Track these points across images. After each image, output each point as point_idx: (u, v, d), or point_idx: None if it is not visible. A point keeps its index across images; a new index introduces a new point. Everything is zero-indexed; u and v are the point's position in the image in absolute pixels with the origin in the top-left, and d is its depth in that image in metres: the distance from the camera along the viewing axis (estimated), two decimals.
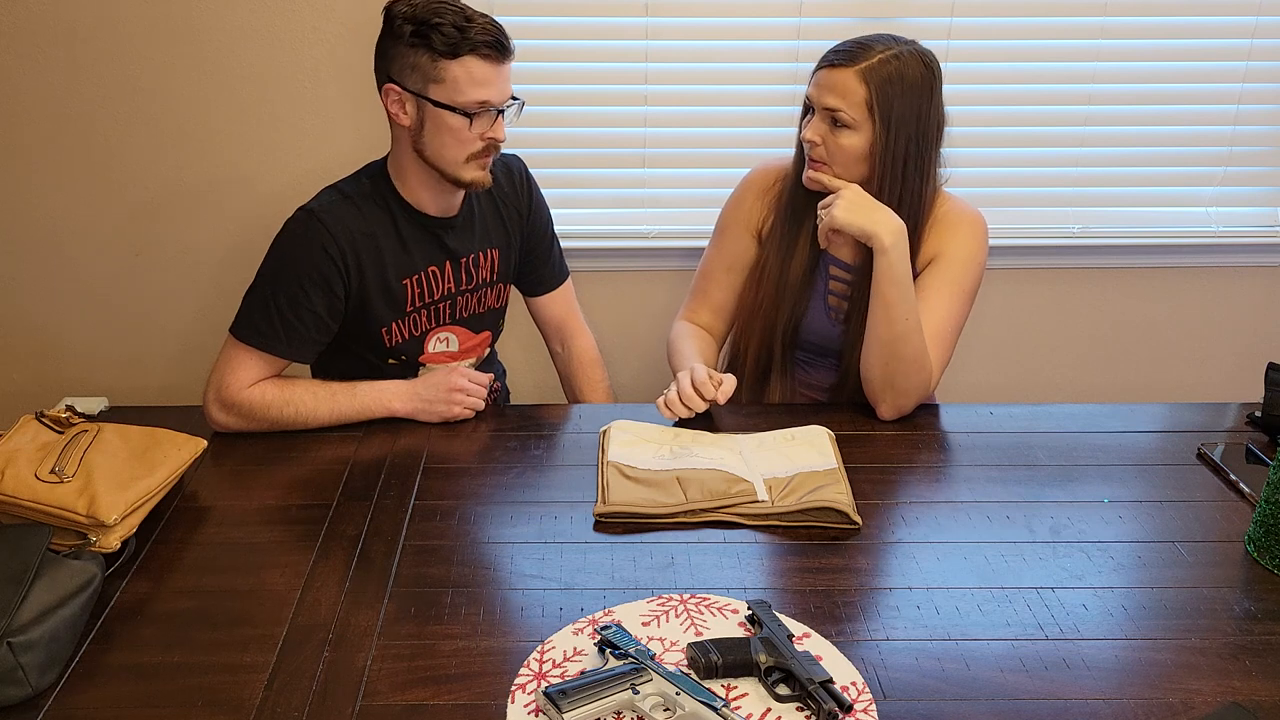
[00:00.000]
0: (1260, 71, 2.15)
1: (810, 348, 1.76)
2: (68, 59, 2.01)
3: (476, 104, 1.51)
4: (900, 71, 1.54)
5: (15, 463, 1.28)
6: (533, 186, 1.80)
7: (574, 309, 1.92)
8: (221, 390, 1.57)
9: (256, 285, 1.60)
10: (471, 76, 1.49)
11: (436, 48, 1.47)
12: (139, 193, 2.13)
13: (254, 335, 1.58)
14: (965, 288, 1.65)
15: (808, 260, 1.70)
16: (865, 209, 1.55)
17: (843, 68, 1.55)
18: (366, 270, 1.60)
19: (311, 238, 1.56)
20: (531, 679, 1.08)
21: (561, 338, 1.91)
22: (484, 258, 1.71)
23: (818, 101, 1.58)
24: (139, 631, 1.16)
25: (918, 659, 1.13)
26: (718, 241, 1.80)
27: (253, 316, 1.58)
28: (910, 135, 1.57)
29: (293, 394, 1.58)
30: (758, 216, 1.76)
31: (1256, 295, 2.34)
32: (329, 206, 1.58)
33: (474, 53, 1.48)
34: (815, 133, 1.59)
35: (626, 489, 1.39)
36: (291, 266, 1.57)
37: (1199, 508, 1.40)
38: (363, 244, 1.59)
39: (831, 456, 1.48)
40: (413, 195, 1.62)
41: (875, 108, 1.54)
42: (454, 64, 1.48)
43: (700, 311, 1.83)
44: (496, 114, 1.54)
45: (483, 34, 1.48)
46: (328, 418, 1.58)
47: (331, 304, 1.59)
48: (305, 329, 1.59)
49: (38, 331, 2.25)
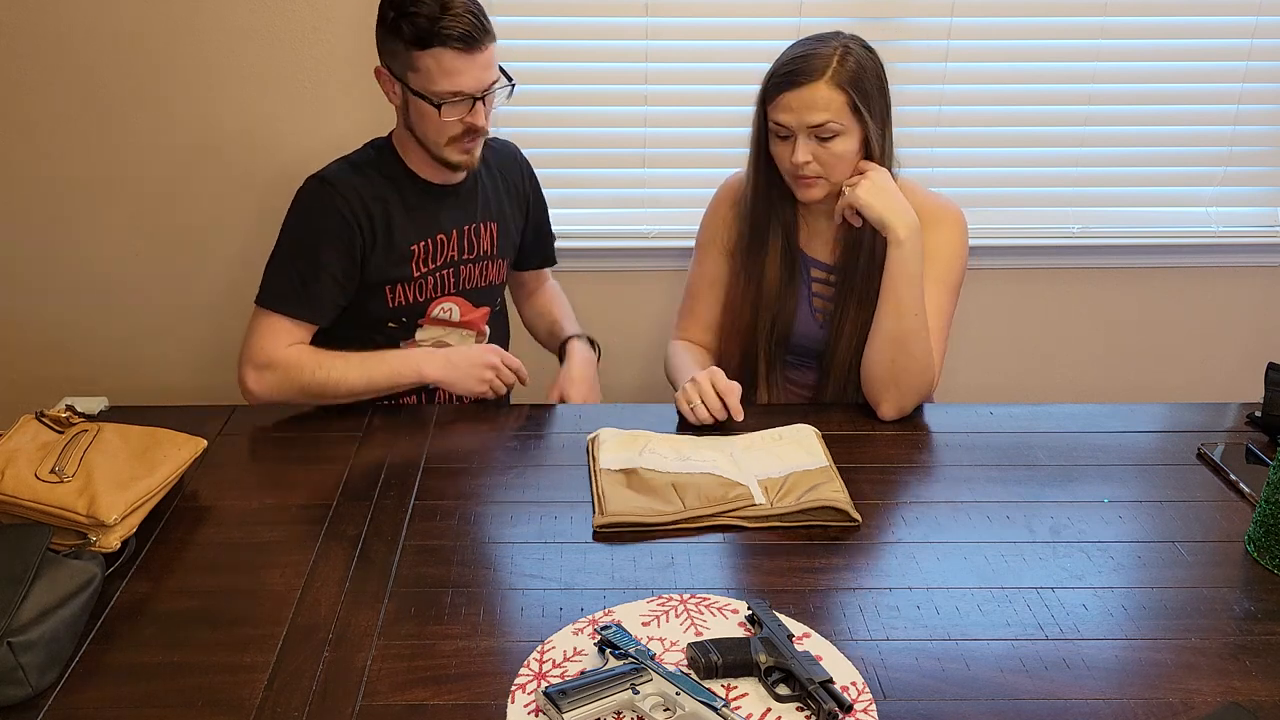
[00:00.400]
0: (1260, 71, 2.15)
1: (797, 349, 1.76)
2: (69, 59, 2.01)
3: (447, 94, 1.52)
4: (859, 64, 1.56)
5: (15, 463, 1.28)
6: (532, 171, 1.85)
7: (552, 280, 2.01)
8: (255, 354, 1.59)
9: (276, 253, 1.63)
10: (442, 67, 1.51)
11: (406, 37, 1.50)
12: (139, 193, 2.13)
13: (278, 301, 1.61)
14: (952, 283, 1.66)
15: (780, 268, 1.70)
16: (888, 195, 1.56)
17: (811, 84, 1.53)
18: (379, 233, 1.63)
19: (326, 202, 1.60)
20: (531, 679, 1.08)
21: (535, 285, 1.98)
22: (484, 229, 1.74)
23: (798, 123, 1.55)
24: (139, 631, 1.16)
25: (918, 659, 1.13)
26: (699, 259, 1.81)
27: (276, 283, 1.62)
28: (882, 120, 1.60)
29: (324, 358, 1.60)
30: (725, 230, 1.76)
31: (1256, 295, 2.34)
32: (340, 173, 1.63)
33: (444, 45, 1.49)
34: (806, 153, 1.56)
35: (624, 498, 1.38)
36: (308, 231, 1.61)
37: (1199, 508, 1.40)
38: (375, 207, 1.62)
39: (821, 455, 1.48)
40: (416, 165, 1.66)
41: (858, 107, 1.55)
42: (425, 54, 1.50)
43: (692, 329, 1.83)
44: (474, 101, 1.55)
45: (455, 24, 1.48)
46: (359, 381, 1.60)
47: (349, 264, 1.62)
48: (326, 291, 1.62)
49: (38, 331, 2.26)
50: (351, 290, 1.65)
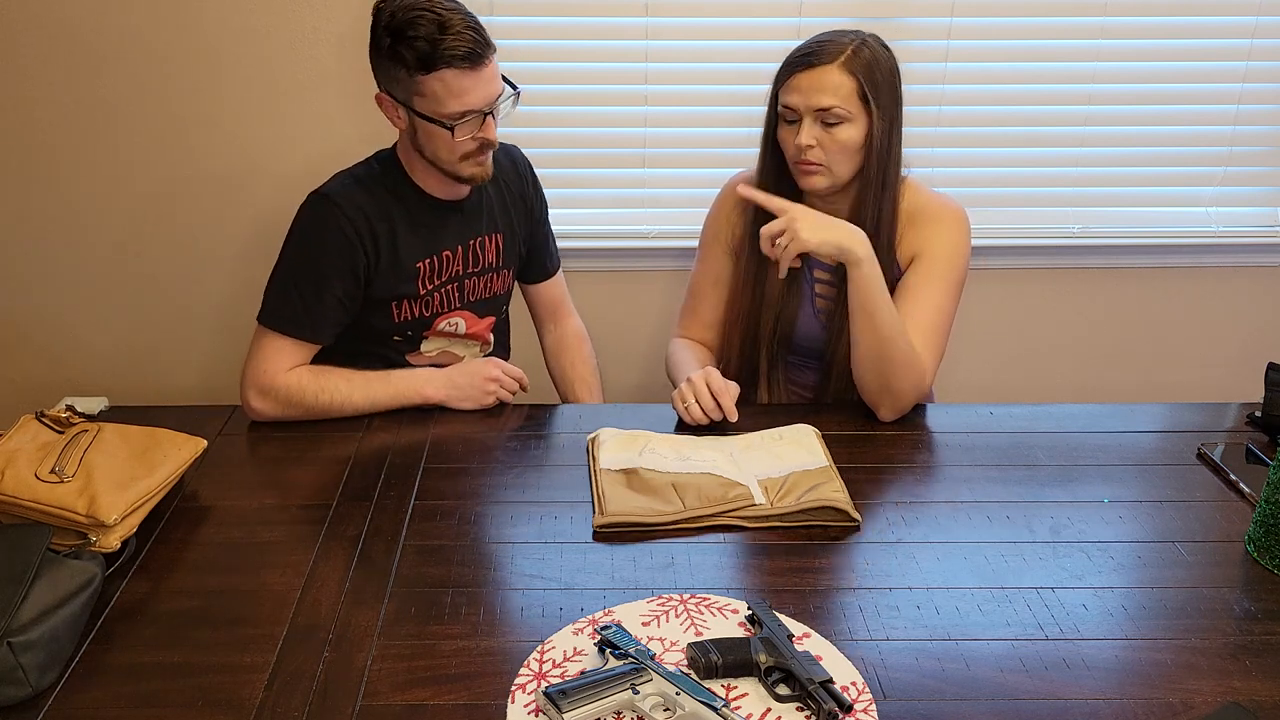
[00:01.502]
0: (1260, 71, 2.15)
1: (800, 350, 1.76)
2: (70, 59, 2.01)
3: (458, 114, 1.51)
4: (875, 56, 1.56)
5: (15, 463, 1.28)
6: (535, 176, 1.83)
7: (566, 294, 1.97)
8: (258, 378, 1.59)
9: (278, 271, 1.62)
10: (449, 89, 1.49)
11: (409, 64, 1.47)
12: (139, 193, 2.13)
13: (280, 322, 1.60)
14: (952, 282, 1.66)
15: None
16: (828, 226, 1.53)
17: (822, 66, 1.55)
18: (383, 251, 1.61)
19: (327, 220, 1.58)
20: (531, 679, 1.08)
21: (555, 319, 1.96)
22: (489, 241, 1.73)
23: (806, 105, 1.57)
24: (139, 631, 1.16)
25: (918, 659, 1.13)
26: (702, 257, 1.81)
27: (277, 303, 1.61)
28: (893, 116, 1.59)
29: (327, 380, 1.59)
30: (730, 229, 1.76)
31: (1256, 295, 2.34)
32: (341, 190, 1.61)
33: (448, 66, 1.47)
34: (810, 136, 1.58)
35: (624, 498, 1.38)
36: (310, 251, 1.60)
37: (1199, 508, 1.40)
38: (379, 225, 1.61)
39: (821, 455, 1.48)
40: (422, 181, 1.64)
41: (867, 96, 1.55)
42: (430, 78, 1.48)
43: (693, 327, 1.83)
44: (484, 116, 1.54)
45: (456, 44, 1.46)
46: (362, 403, 1.60)
47: (352, 284, 1.61)
48: (328, 311, 1.61)
49: (38, 331, 2.25)
50: (355, 309, 1.65)
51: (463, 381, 1.64)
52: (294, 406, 1.58)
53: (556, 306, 1.95)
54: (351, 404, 1.60)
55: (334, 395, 1.59)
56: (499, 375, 1.66)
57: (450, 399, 1.64)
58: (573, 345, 1.94)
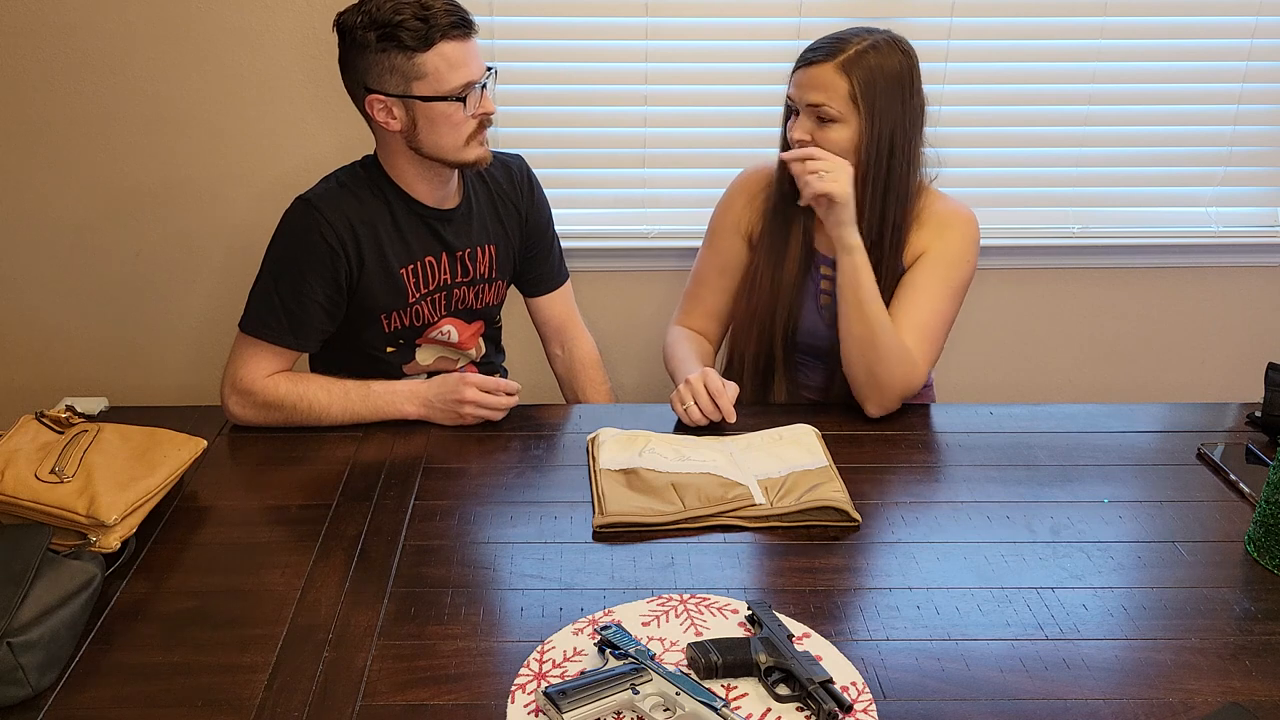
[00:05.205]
0: (1260, 71, 2.15)
1: (805, 349, 1.76)
2: (68, 59, 2.01)
3: (462, 86, 1.52)
4: (879, 60, 1.56)
5: (15, 463, 1.28)
6: (534, 185, 1.80)
7: (574, 311, 1.91)
8: (237, 383, 1.58)
9: (260, 278, 1.61)
10: (449, 61, 1.50)
11: (407, 44, 1.48)
12: (139, 192, 2.13)
13: (261, 329, 1.59)
14: (954, 285, 1.65)
15: (799, 262, 1.70)
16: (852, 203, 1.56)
17: (821, 64, 1.56)
18: (367, 257, 1.60)
19: (310, 226, 1.57)
20: (531, 679, 1.08)
21: (561, 340, 1.90)
22: (481, 253, 1.72)
23: (800, 99, 1.58)
24: (139, 631, 1.16)
25: (918, 659, 1.13)
26: (710, 245, 1.81)
27: (258, 310, 1.59)
28: (895, 123, 1.58)
29: (306, 390, 1.58)
30: (748, 220, 1.76)
31: (1256, 295, 2.34)
32: (326, 195, 1.59)
33: (444, 38, 1.49)
34: (802, 130, 1.59)
35: (624, 498, 1.38)
36: (292, 257, 1.58)
37: (1199, 508, 1.40)
38: (362, 231, 1.59)
39: (821, 455, 1.48)
40: (409, 186, 1.63)
41: (859, 99, 1.55)
42: (429, 54, 1.49)
43: (694, 316, 1.83)
44: (480, 89, 1.55)
45: (445, 17, 1.48)
46: (340, 416, 1.59)
47: (334, 291, 1.60)
48: (310, 318, 1.59)
49: (38, 331, 2.26)
50: (340, 315, 1.63)
51: (437, 402, 1.59)
52: (272, 412, 1.57)
53: (564, 324, 1.89)
54: (329, 415, 1.58)
55: (312, 404, 1.57)
56: (475, 398, 1.58)
57: (429, 416, 1.60)
58: (587, 370, 1.88)
